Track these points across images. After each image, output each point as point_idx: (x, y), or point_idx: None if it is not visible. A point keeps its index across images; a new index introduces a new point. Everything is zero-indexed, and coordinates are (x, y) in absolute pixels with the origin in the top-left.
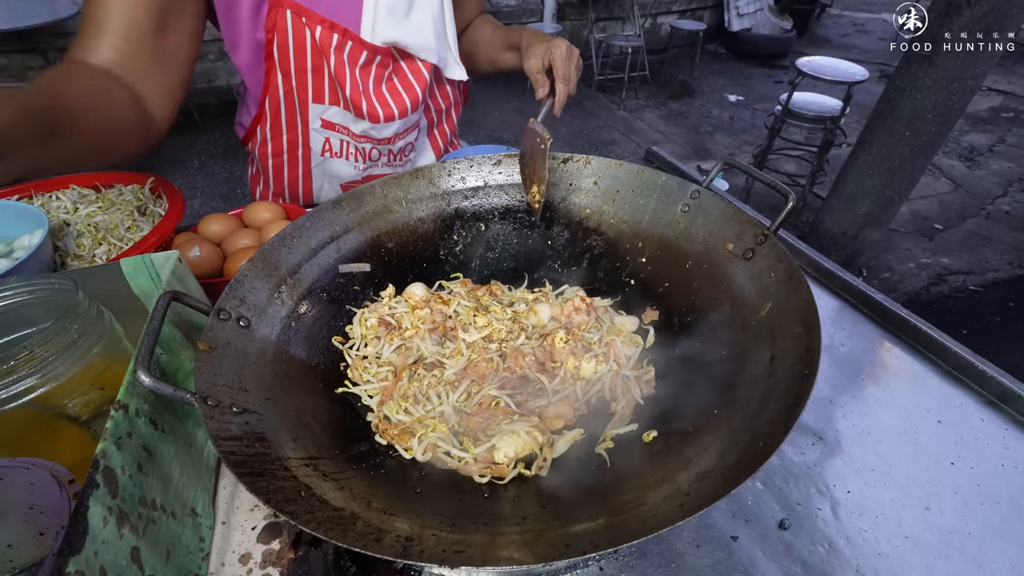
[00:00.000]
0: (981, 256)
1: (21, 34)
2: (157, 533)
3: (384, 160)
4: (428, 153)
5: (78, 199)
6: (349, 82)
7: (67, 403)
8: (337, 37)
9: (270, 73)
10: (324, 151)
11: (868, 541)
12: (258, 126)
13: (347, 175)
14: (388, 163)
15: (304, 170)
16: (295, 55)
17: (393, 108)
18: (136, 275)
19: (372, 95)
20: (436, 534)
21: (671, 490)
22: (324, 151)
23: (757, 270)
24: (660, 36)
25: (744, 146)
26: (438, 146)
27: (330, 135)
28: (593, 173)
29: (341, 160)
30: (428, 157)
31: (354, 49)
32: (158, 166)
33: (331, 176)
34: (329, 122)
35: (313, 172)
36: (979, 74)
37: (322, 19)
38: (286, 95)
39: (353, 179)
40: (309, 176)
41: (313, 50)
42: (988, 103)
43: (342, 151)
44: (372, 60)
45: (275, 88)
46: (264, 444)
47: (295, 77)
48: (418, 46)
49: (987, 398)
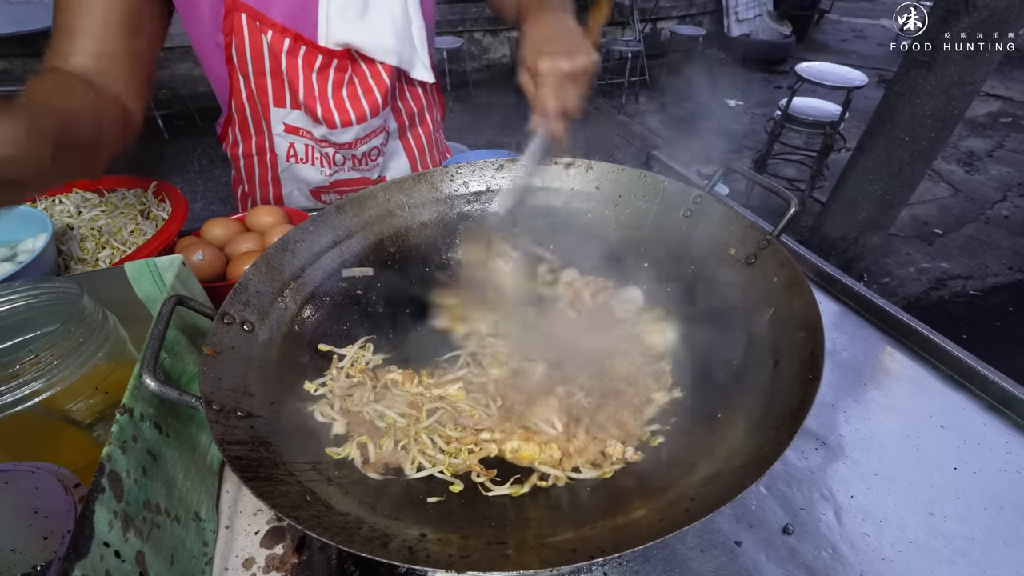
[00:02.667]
0: (981, 261)
1: (23, 38)
2: (161, 537)
3: (349, 164)
4: (400, 157)
5: (81, 203)
6: (303, 86)
7: (71, 407)
8: (288, 41)
9: (232, 76)
10: (289, 157)
11: (872, 546)
12: (229, 127)
13: (315, 180)
14: (354, 167)
15: (273, 175)
16: (252, 59)
17: (351, 113)
18: (140, 279)
19: (330, 100)
20: (442, 539)
21: (676, 495)
22: (289, 157)
23: (760, 275)
24: (660, 41)
25: (744, 151)
26: (412, 151)
27: (294, 140)
28: (595, 178)
29: (307, 166)
30: (401, 162)
31: (308, 53)
32: (159, 170)
33: (299, 181)
34: (292, 126)
35: (281, 177)
36: (978, 79)
37: (273, 23)
38: (248, 98)
39: (321, 184)
40: (278, 181)
41: (270, 54)
42: (986, 108)
43: (307, 156)
44: (328, 64)
45: (238, 92)
46: (269, 448)
47: (254, 80)
48: (374, 47)
49: (989, 403)
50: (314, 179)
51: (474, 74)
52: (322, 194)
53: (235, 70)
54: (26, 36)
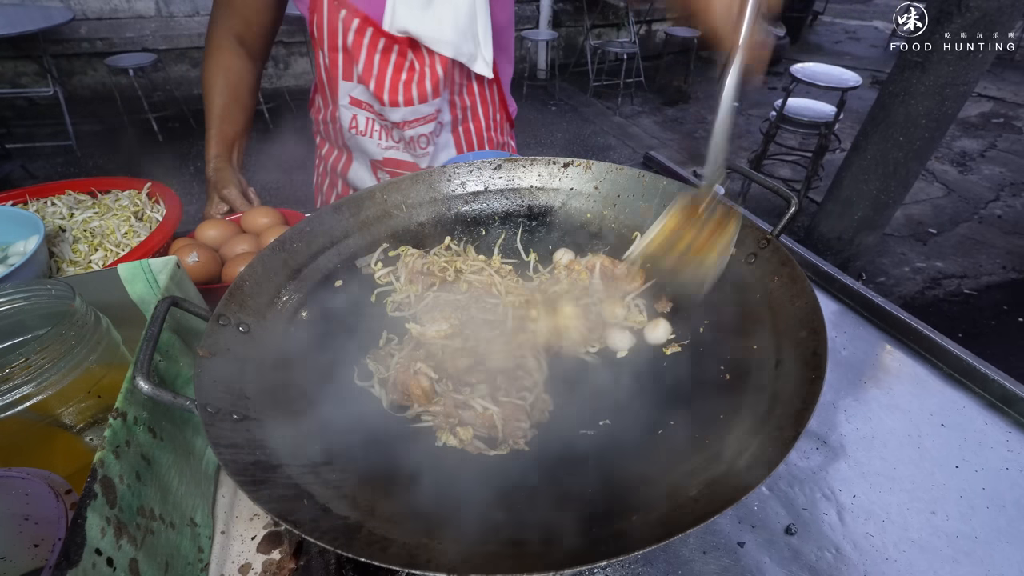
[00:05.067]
0: (975, 260)
1: (15, 40)
2: (156, 544)
3: (402, 146)
4: (450, 150)
5: (74, 204)
6: (364, 63)
7: (63, 411)
8: (357, 21)
9: (313, 48)
10: (352, 127)
11: (875, 546)
12: (317, 94)
13: (373, 152)
14: (406, 149)
15: (342, 142)
16: (328, 35)
17: (399, 95)
18: (134, 281)
19: (387, 80)
20: (443, 543)
21: (681, 497)
22: (352, 127)
23: (760, 274)
24: (655, 43)
25: (739, 151)
26: (461, 145)
27: (357, 112)
28: (594, 178)
29: (366, 138)
30: (450, 154)
31: (374, 35)
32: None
33: (359, 151)
34: (357, 99)
35: (348, 145)
36: (971, 80)
37: (347, 3)
38: (326, 70)
39: (375, 157)
40: (346, 147)
41: (343, 31)
42: (979, 109)
43: (367, 129)
44: (390, 48)
45: (318, 63)
46: (265, 452)
47: (327, 55)
48: (432, 39)
49: (990, 401)
50: (372, 150)
51: None
52: (378, 170)
53: (316, 44)
54: (17, 38)
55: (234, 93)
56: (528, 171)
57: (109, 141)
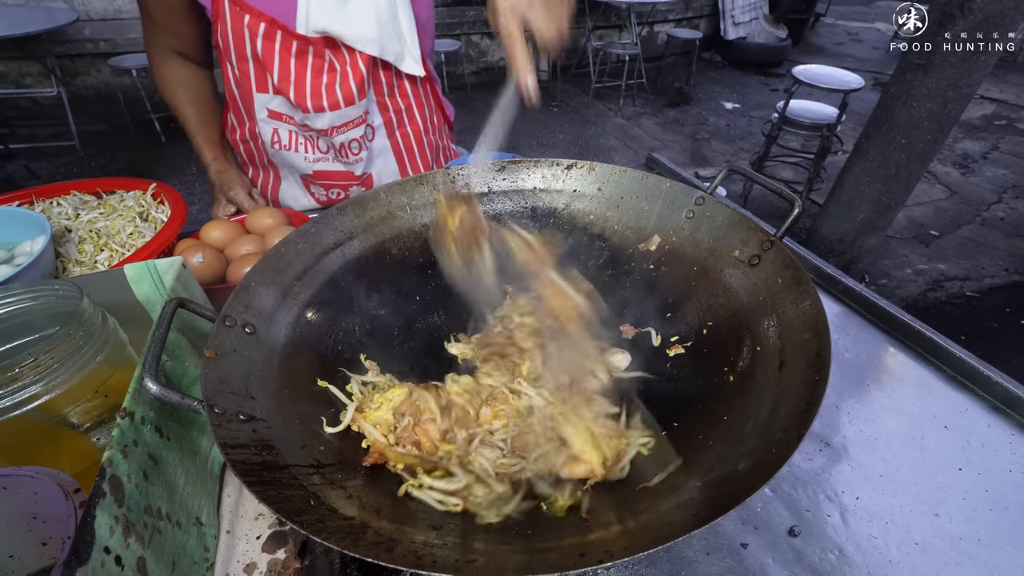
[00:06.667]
0: (977, 262)
1: (19, 41)
2: (162, 542)
3: (331, 156)
4: (387, 155)
5: (79, 205)
6: (278, 70)
7: (70, 411)
8: (264, 26)
9: (220, 61)
10: (273, 143)
11: (878, 548)
12: (228, 114)
13: (300, 166)
14: (336, 158)
15: (268, 159)
16: (235, 44)
17: (323, 99)
18: (140, 281)
19: (307, 86)
20: (447, 543)
21: (684, 498)
22: (273, 143)
23: (764, 276)
24: (657, 44)
25: (741, 153)
26: (399, 149)
27: (278, 126)
28: (597, 180)
29: (291, 152)
30: (388, 160)
31: (285, 39)
32: (157, 172)
33: (287, 167)
34: (275, 112)
35: (274, 161)
36: (973, 82)
37: (251, 8)
38: (236, 84)
39: (304, 172)
40: (273, 165)
41: (249, 38)
42: (981, 111)
43: (291, 143)
44: (305, 50)
45: (227, 78)
46: (272, 452)
47: (237, 66)
48: (354, 37)
49: (993, 403)
50: (300, 164)
51: (471, 77)
52: (310, 184)
53: (222, 56)
54: (21, 39)
55: (199, 99)
56: (532, 173)
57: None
